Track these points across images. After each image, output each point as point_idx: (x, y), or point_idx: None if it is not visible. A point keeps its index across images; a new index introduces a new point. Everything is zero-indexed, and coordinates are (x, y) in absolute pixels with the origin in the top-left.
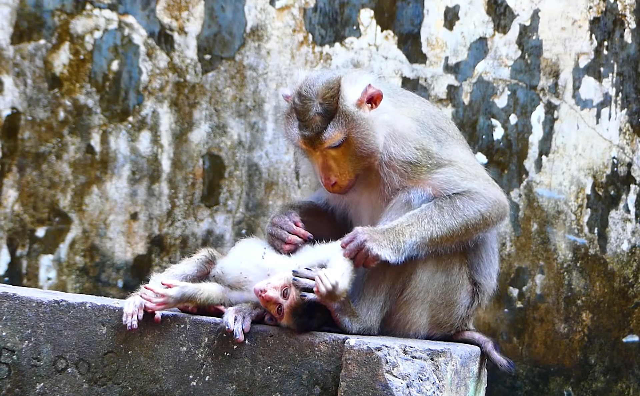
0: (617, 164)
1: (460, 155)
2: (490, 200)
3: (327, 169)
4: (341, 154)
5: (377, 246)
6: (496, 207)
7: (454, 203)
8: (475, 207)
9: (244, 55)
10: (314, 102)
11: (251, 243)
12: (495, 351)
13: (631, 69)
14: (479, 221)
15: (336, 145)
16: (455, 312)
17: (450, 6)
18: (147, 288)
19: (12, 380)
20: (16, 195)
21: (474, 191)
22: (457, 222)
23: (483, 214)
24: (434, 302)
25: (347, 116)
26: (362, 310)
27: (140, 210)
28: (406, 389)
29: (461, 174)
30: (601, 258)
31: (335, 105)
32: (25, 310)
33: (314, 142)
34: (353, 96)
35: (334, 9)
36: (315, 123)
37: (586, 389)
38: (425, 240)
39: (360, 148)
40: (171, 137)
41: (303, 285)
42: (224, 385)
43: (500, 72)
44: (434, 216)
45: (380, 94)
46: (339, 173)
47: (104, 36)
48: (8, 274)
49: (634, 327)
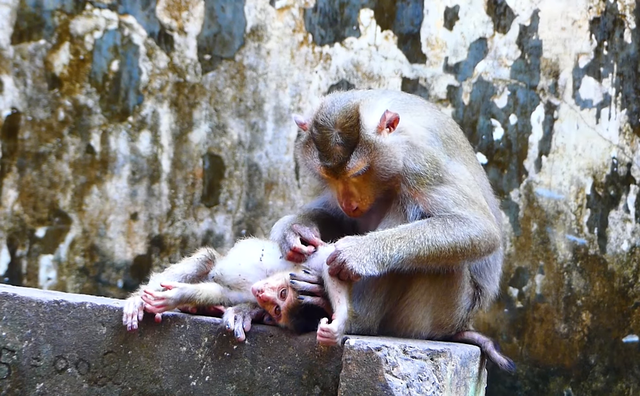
0: (617, 164)
1: (464, 174)
2: (481, 230)
3: (348, 195)
4: (362, 181)
5: (357, 264)
6: (486, 237)
7: (446, 222)
8: (465, 230)
9: (244, 55)
10: (333, 132)
11: (250, 244)
12: (495, 351)
13: (631, 69)
14: (467, 246)
15: (359, 174)
16: (456, 314)
17: (450, 6)
18: (147, 292)
19: (12, 380)
20: (16, 195)
21: (464, 217)
22: (447, 242)
23: (472, 240)
24: (436, 304)
25: (369, 145)
26: (362, 311)
27: (140, 210)
28: (406, 389)
29: (458, 198)
30: (601, 258)
31: (357, 134)
32: (25, 310)
33: (337, 172)
34: (373, 124)
35: (334, 9)
36: (337, 154)
37: (586, 389)
38: (412, 257)
39: (382, 174)
40: (171, 137)
41: (301, 288)
42: (224, 385)
43: (500, 72)
44: (426, 232)
45: (397, 118)
46: (360, 199)
47: (104, 36)
48: (8, 274)
49: (634, 327)
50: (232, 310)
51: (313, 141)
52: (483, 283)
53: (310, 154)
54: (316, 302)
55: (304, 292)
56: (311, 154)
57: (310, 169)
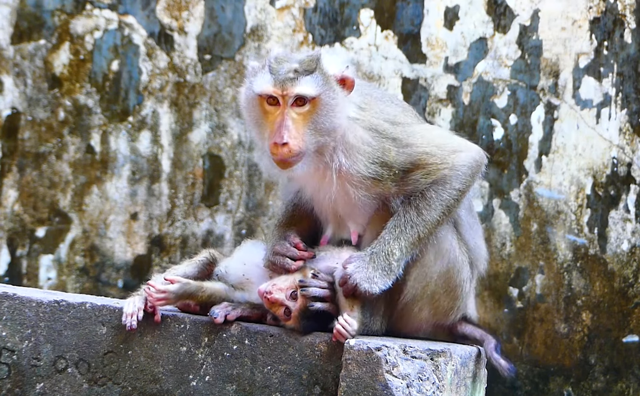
0: (617, 164)
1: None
2: (460, 172)
3: (283, 127)
4: (302, 117)
5: (368, 283)
6: (469, 171)
7: (425, 197)
8: (448, 188)
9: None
10: (292, 62)
11: (256, 245)
12: (495, 353)
13: (631, 69)
14: (457, 195)
15: (304, 100)
16: (458, 294)
17: (450, 6)
18: (149, 284)
19: (12, 380)
20: (16, 195)
21: (440, 179)
22: (437, 211)
23: (459, 188)
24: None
25: (325, 78)
26: (366, 316)
27: (140, 210)
28: (406, 389)
29: (426, 171)
30: (601, 258)
31: (314, 67)
32: (25, 310)
33: (285, 85)
34: (333, 67)
35: (334, 9)
36: (291, 73)
37: (586, 389)
38: (415, 244)
39: (324, 118)
40: (171, 137)
41: (312, 294)
42: (224, 385)
43: (500, 72)
44: (413, 218)
45: (353, 81)
46: (294, 135)
47: (104, 36)
48: (8, 274)
49: (634, 327)
50: (225, 303)
51: (268, 67)
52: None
53: (260, 77)
54: (326, 308)
55: (315, 298)
56: (261, 77)
57: (255, 90)
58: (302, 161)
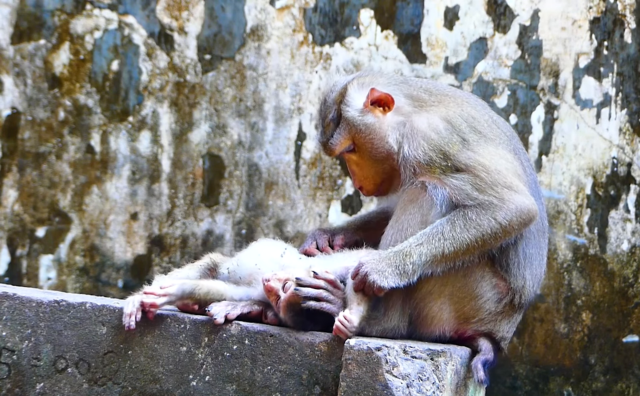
0: (617, 164)
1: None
2: (508, 209)
3: (352, 173)
4: (359, 159)
5: (379, 277)
6: (517, 214)
7: (467, 216)
8: (489, 216)
9: (244, 55)
10: (331, 108)
11: (273, 242)
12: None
13: (631, 69)
14: (496, 231)
15: (349, 151)
16: (481, 305)
17: (450, 6)
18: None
19: (12, 380)
20: (16, 195)
21: (486, 203)
22: (471, 235)
23: (500, 222)
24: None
25: (348, 122)
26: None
27: (140, 210)
28: (406, 389)
29: (476, 183)
30: (601, 258)
31: (337, 115)
32: (25, 310)
33: (326, 148)
34: (358, 101)
35: (334, 9)
36: (329, 130)
37: (586, 389)
38: (437, 258)
39: (373, 152)
40: (171, 137)
41: (304, 294)
42: (224, 385)
43: (500, 72)
44: (445, 231)
45: (389, 97)
46: (362, 178)
47: (104, 36)
48: (8, 274)
49: (634, 327)
50: (225, 302)
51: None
52: (510, 279)
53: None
54: (318, 307)
55: (308, 298)
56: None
57: None
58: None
